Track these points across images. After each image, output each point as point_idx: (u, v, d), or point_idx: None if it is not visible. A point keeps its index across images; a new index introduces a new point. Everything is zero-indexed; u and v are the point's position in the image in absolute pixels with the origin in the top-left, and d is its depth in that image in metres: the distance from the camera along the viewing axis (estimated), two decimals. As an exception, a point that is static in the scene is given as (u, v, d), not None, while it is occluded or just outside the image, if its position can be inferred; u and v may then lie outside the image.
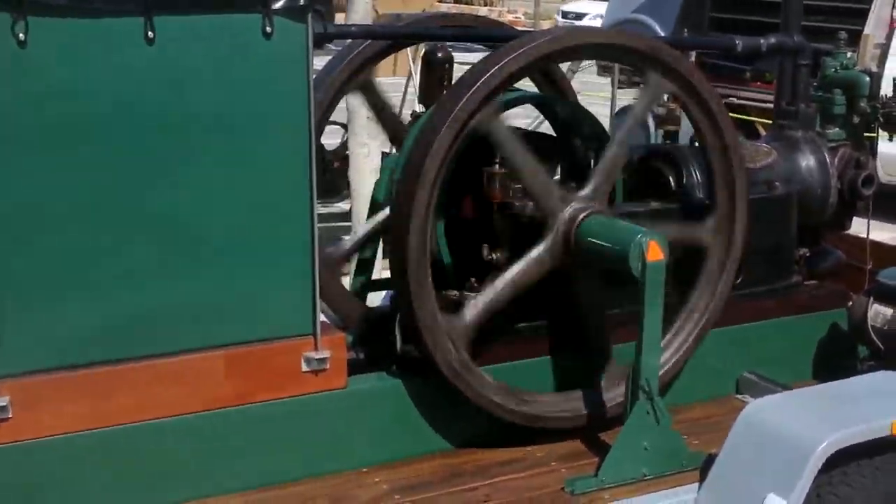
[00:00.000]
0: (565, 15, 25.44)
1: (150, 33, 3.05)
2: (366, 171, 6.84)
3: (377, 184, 4.20)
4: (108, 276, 3.13)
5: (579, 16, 24.16)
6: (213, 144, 3.19)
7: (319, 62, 3.80)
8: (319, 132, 4.18)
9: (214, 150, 3.20)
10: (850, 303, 4.31)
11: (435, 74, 4.16)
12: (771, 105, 9.33)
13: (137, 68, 3.07)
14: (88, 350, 3.14)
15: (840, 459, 3.25)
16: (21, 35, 2.92)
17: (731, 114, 4.01)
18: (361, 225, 4.44)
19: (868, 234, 4.64)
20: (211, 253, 3.24)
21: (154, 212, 3.15)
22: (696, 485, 3.45)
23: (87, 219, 3.08)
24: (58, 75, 2.99)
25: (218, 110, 3.18)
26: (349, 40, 4.29)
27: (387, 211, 3.98)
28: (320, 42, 3.49)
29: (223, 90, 3.18)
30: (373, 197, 4.22)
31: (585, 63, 10.28)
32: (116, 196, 3.10)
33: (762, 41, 4.51)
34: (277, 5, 3.17)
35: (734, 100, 10.62)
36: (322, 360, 3.40)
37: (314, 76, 3.34)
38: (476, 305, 3.55)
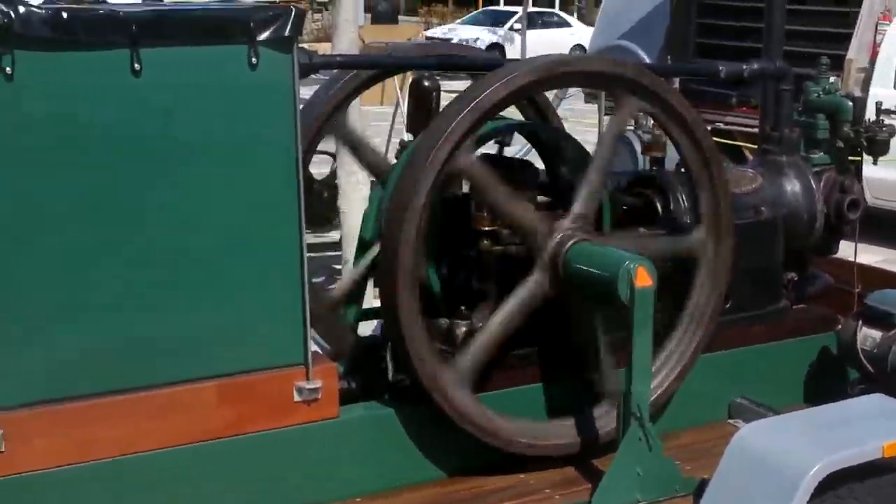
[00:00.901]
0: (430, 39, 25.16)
1: (136, 65, 3.06)
2: (355, 200, 6.84)
3: (365, 220, 4.18)
4: (97, 307, 3.13)
5: (445, 40, 23.91)
6: (201, 175, 3.20)
7: (306, 92, 3.81)
8: (307, 162, 4.19)
9: (202, 181, 3.21)
10: (839, 326, 4.32)
11: (422, 103, 4.17)
12: (756, 130, 9.38)
13: (124, 100, 3.08)
14: (80, 382, 3.13)
15: (832, 483, 3.24)
16: (8, 69, 2.93)
17: (716, 139, 4.03)
18: (348, 268, 4.43)
19: (855, 257, 4.65)
20: (201, 283, 3.24)
21: (143, 243, 3.16)
22: (690, 510, 3.45)
23: (76, 250, 3.08)
24: (44, 107, 3.00)
25: (205, 141, 3.20)
26: (336, 70, 4.31)
27: (376, 250, 3.97)
28: (306, 73, 3.50)
29: (210, 121, 3.19)
30: (360, 235, 4.21)
31: (572, 90, 10.33)
32: (104, 227, 3.11)
33: (745, 67, 4.52)
34: (263, 37, 3.19)
35: (720, 125, 10.68)
36: (314, 390, 3.40)
37: (301, 106, 3.35)
38: (472, 350, 3.56)
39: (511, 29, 29.37)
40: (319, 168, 8.69)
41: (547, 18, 31.80)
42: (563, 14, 33.11)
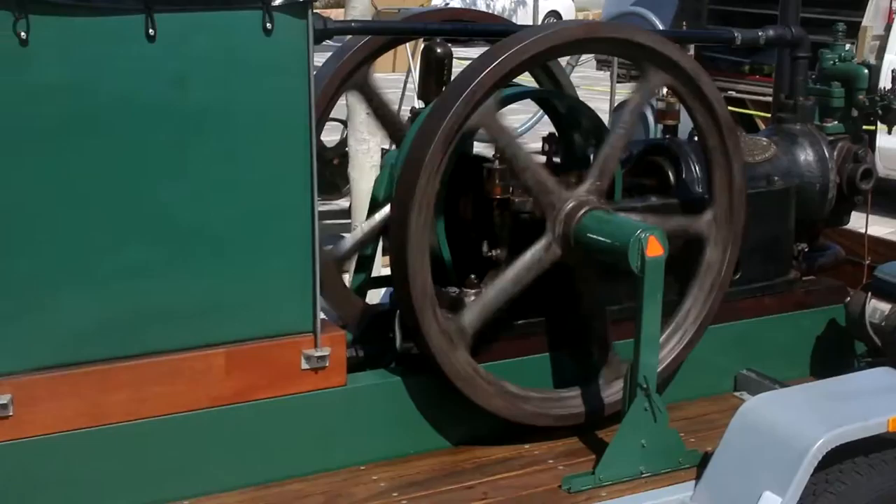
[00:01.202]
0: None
1: (150, 30, 3.06)
2: (366, 168, 6.84)
3: (377, 182, 4.21)
4: (108, 272, 3.14)
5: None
6: (214, 141, 3.20)
7: (319, 58, 3.80)
8: (319, 129, 4.19)
9: (215, 147, 3.21)
10: (848, 299, 4.31)
11: (434, 70, 4.16)
12: (769, 98, 9.34)
13: (138, 65, 3.08)
14: (88, 348, 3.15)
15: (836, 456, 3.25)
16: (23, 33, 2.92)
17: (729, 107, 4.01)
18: (361, 223, 4.44)
19: (867, 228, 4.63)
20: (211, 249, 3.25)
21: (154, 208, 3.16)
22: (693, 482, 3.45)
23: (88, 216, 3.09)
24: (59, 73, 3.00)
25: (218, 107, 3.19)
26: (348, 36, 4.30)
27: (387, 210, 3.98)
28: (320, 38, 3.49)
29: (224, 87, 3.19)
30: (373, 195, 4.22)
31: (584, 57, 10.27)
32: (116, 193, 3.12)
33: (760, 33, 4.49)
34: (277, 2, 3.18)
35: (733, 93, 10.62)
36: (322, 358, 3.41)
37: (315, 73, 3.34)
38: (477, 305, 3.56)
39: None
40: (330, 135, 8.67)
41: None
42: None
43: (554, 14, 26.15)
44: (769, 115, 6.12)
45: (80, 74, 3.02)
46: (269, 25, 3.18)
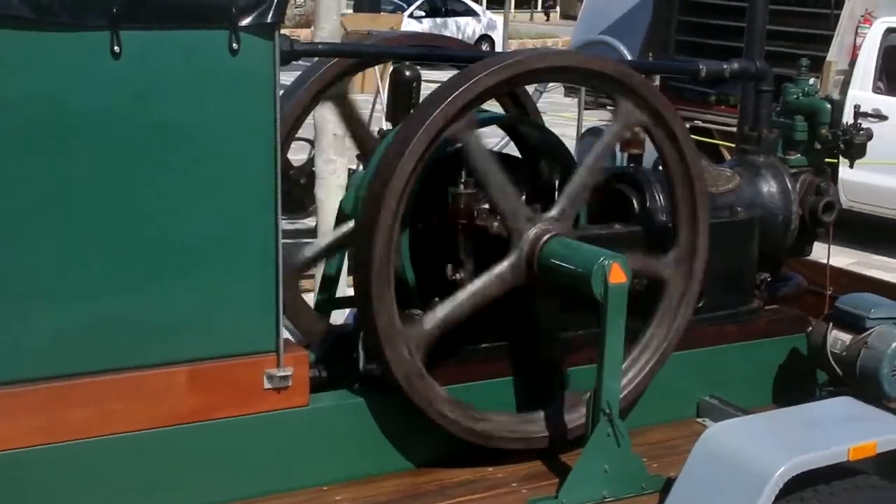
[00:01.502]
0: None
1: (116, 47, 3.04)
2: (332, 188, 6.84)
3: (344, 197, 4.20)
4: (68, 288, 3.10)
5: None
6: (178, 159, 3.18)
7: (286, 79, 3.80)
8: (286, 149, 4.18)
9: (179, 165, 3.19)
10: (810, 328, 4.35)
11: (403, 92, 4.17)
12: (734, 129, 9.42)
13: (103, 82, 3.06)
14: (47, 363, 3.11)
15: (798, 484, 3.26)
16: (-15, 47, 2.90)
17: (694, 136, 4.04)
18: (324, 236, 4.44)
19: (829, 259, 4.67)
20: (174, 267, 3.23)
21: (117, 225, 3.14)
22: (656, 508, 3.47)
23: (48, 231, 3.06)
24: (23, 88, 2.97)
25: (183, 126, 3.17)
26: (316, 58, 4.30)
27: (352, 223, 3.98)
28: (287, 60, 3.48)
29: (189, 106, 3.17)
30: (340, 208, 4.21)
31: (552, 84, 10.34)
32: (78, 208, 3.09)
33: (725, 66, 4.53)
34: (245, 22, 3.17)
35: (698, 123, 10.73)
36: (284, 378, 3.39)
37: (281, 92, 3.34)
38: (435, 315, 3.56)
39: (411, 16, 28.35)
40: (297, 154, 8.67)
41: (452, 6, 30.67)
42: (469, 2, 31.87)
43: (486, 40, 26.14)
44: (734, 146, 6.18)
45: (45, 90, 3.00)
46: (235, 46, 3.17)
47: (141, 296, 3.20)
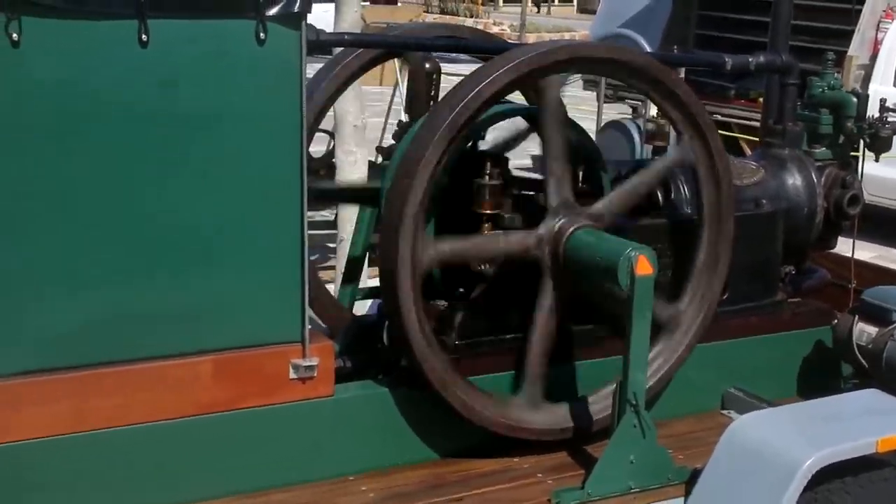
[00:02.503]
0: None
1: (143, 36, 3.04)
2: (352, 179, 6.82)
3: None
4: (95, 278, 3.11)
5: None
6: (205, 148, 3.19)
7: (310, 69, 3.79)
8: (309, 139, 4.17)
9: (205, 154, 3.19)
10: (835, 321, 4.33)
11: (422, 85, 4.16)
12: (754, 123, 9.39)
13: (130, 70, 3.06)
14: (74, 352, 3.12)
15: (825, 476, 3.26)
16: (14, 35, 2.91)
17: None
18: (343, 247, 4.46)
19: (853, 252, 4.66)
20: (200, 256, 3.24)
21: (144, 214, 3.14)
22: (682, 499, 3.46)
23: (77, 220, 3.07)
24: (50, 75, 2.98)
25: (210, 114, 3.18)
26: (338, 49, 4.29)
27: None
28: (313, 49, 3.48)
29: (215, 95, 3.18)
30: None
31: (572, 77, 10.30)
32: (106, 197, 3.10)
33: (751, 59, 4.52)
34: (272, 12, 3.17)
35: (718, 117, 10.71)
36: (310, 368, 3.39)
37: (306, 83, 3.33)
38: (442, 245, 3.54)
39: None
40: (317, 146, 8.67)
41: None
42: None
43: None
44: (754, 139, 6.16)
45: (72, 77, 3.01)
46: (262, 35, 3.17)
47: (166, 286, 3.21)
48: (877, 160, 4.72)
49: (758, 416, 3.57)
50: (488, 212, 3.71)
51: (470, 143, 3.90)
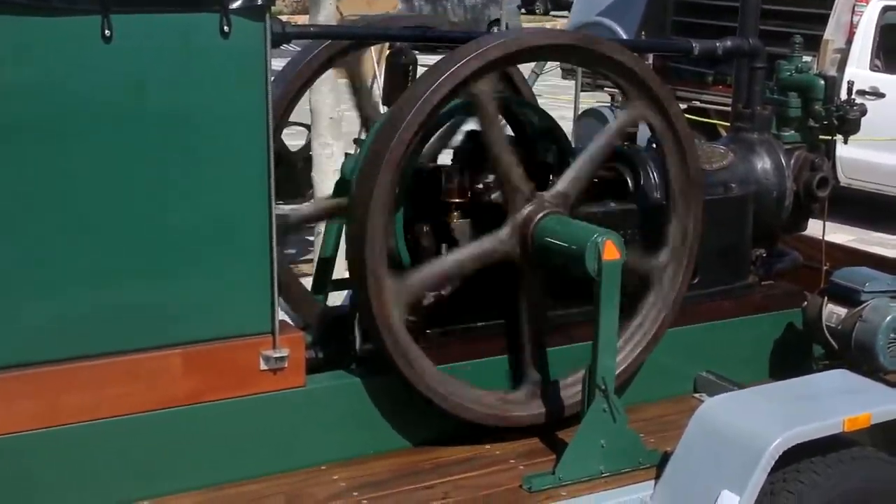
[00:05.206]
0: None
1: (107, 31, 3.04)
2: (328, 172, 6.83)
3: (343, 163, 4.16)
4: (63, 273, 3.12)
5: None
6: (170, 143, 3.19)
7: (277, 63, 3.79)
8: (279, 132, 4.18)
9: (171, 149, 3.19)
10: (805, 303, 4.36)
11: (399, 76, 4.17)
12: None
13: (94, 66, 3.06)
14: (43, 348, 3.13)
15: (793, 456, 3.29)
16: (-25, 32, 2.91)
17: (692, 117, 4.04)
18: (321, 240, 4.47)
19: (823, 234, 4.68)
20: (168, 250, 3.24)
21: (110, 210, 3.15)
22: (653, 482, 3.48)
23: (43, 217, 3.07)
24: (13, 72, 2.98)
25: (175, 109, 3.18)
26: (309, 41, 4.29)
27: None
28: (278, 42, 3.49)
29: (180, 89, 3.18)
30: (341, 175, 4.18)
31: (549, 65, 10.32)
32: (72, 193, 3.10)
33: (718, 44, 4.53)
34: (235, 5, 3.17)
35: (696, 103, 10.73)
36: (280, 359, 3.40)
37: (273, 77, 3.33)
38: (421, 271, 3.56)
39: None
40: (294, 139, 8.67)
41: None
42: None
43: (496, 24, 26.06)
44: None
45: (36, 74, 3.00)
46: (226, 28, 3.17)
47: (135, 279, 3.21)
48: (845, 142, 4.75)
49: (726, 398, 3.60)
50: (456, 200, 3.74)
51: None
